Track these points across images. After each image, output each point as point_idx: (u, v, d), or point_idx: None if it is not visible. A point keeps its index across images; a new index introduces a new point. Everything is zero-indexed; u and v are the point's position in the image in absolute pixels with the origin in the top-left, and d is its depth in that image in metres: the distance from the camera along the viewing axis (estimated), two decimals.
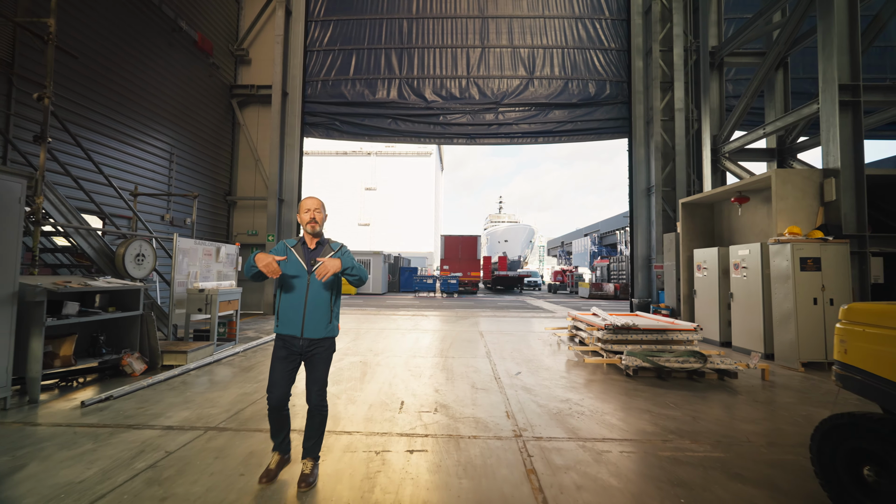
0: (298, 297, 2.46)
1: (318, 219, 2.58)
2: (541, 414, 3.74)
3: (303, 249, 2.57)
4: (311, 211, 2.56)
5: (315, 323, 2.45)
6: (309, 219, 2.56)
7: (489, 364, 5.74)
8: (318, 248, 2.60)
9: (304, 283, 2.47)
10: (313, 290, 2.48)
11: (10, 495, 2.31)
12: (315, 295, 2.47)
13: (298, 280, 2.48)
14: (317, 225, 2.57)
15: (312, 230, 2.57)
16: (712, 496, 2.40)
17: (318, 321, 2.46)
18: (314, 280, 2.47)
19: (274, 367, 2.47)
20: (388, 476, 2.60)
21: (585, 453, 2.94)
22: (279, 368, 2.45)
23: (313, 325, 2.45)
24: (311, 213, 2.56)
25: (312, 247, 2.60)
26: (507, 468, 2.71)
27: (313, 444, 2.51)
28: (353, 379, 4.88)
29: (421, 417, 3.63)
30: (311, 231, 2.57)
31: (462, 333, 8.45)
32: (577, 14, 12.84)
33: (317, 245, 2.61)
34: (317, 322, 2.46)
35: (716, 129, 9.57)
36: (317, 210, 2.58)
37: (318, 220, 2.57)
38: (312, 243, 2.60)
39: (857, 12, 5.91)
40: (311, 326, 2.45)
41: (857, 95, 5.86)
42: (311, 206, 2.58)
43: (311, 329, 2.45)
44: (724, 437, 3.26)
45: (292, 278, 2.49)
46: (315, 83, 13.14)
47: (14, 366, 3.72)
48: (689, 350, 5.27)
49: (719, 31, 10.04)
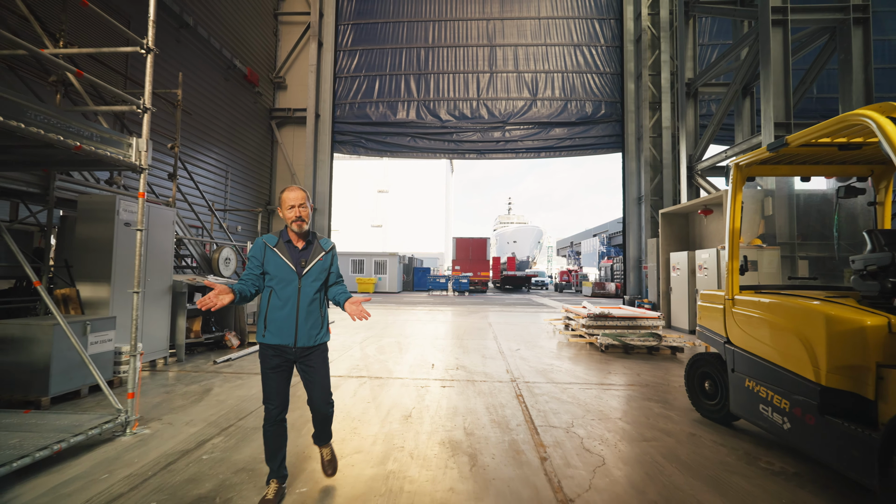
0: (289, 304, 2.19)
1: (305, 215, 2.24)
2: (530, 371, 5.37)
3: (288, 249, 2.24)
4: (295, 207, 2.21)
5: (309, 331, 2.22)
6: (294, 216, 2.21)
7: (496, 344, 7.38)
8: (308, 248, 2.28)
9: (294, 288, 2.20)
10: (305, 296, 2.22)
11: (219, 400, 4.04)
12: (307, 301, 2.22)
13: (288, 285, 2.20)
14: (304, 223, 2.23)
15: (299, 229, 2.23)
16: (626, 405, 4.01)
17: (312, 328, 2.23)
18: (306, 284, 2.22)
19: (268, 376, 2.21)
20: (431, 396, 4.26)
21: (554, 388, 4.57)
22: (274, 378, 2.21)
23: (307, 333, 2.22)
24: (297, 211, 2.21)
25: (300, 246, 2.27)
26: (504, 394, 4.35)
27: (324, 432, 2.43)
28: (393, 352, 6.57)
29: (447, 372, 5.30)
30: (298, 230, 2.24)
31: (474, 323, 10.10)
32: (576, 42, 14.40)
33: (306, 244, 2.29)
34: (310, 330, 2.23)
35: (691, 150, 11.07)
36: (301, 206, 2.23)
37: (304, 218, 2.23)
38: (300, 242, 2.28)
39: (790, 69, 7.39)
40: (305, 335, 2.21)
41: (789, 131, 7.35)
42: (295, 200, 2.22)
43: (305, 338, 2.21)
44: (650, 382, 4.86)
45: (279, 283, 2.20)
46: (343, 105, 14.92)
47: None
48: (650, 332, 6.84)
49: (694, 65, 11.52)
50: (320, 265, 2.28)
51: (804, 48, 8.72)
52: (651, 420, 3.62)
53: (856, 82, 7.24)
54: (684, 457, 2.91)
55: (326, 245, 2.34)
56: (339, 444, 3.02)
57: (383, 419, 3.58)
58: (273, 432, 2.23)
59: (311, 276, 2.24)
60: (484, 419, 3.60)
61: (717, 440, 3.21)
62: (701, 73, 10.78)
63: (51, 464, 2.66)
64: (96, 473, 2.56)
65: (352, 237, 45.86)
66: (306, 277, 2.22)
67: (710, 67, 10.33)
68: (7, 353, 3.72)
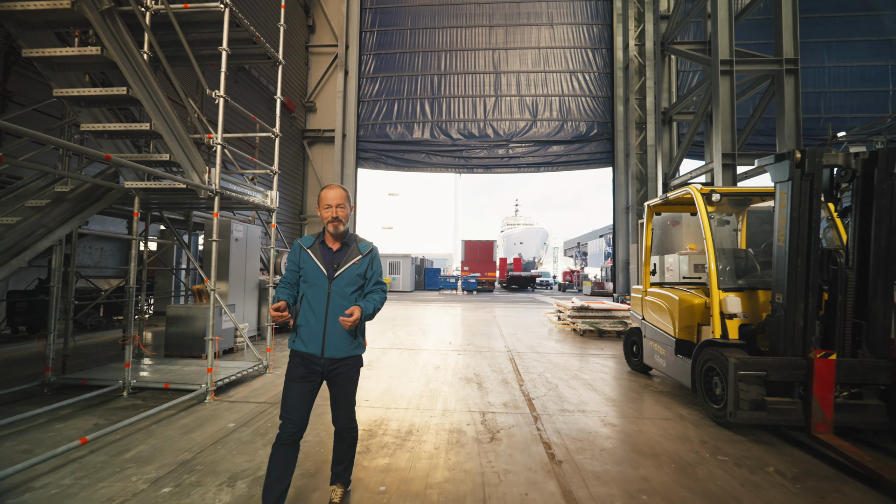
0: (318, 310, 2.06)
1: (342, 216, 2.09)
2: (523, 346, 7.28)
3: (322, 251, 2.12)
4: (332, 207, 2.07)
5: (338, 340, 2.06)
6: (331, 216, 2.08)
7: (499, 330, 9.30)
8: (343, 250, 2.14)
9: (324, 292, 2.06)
10: (335, 302, 2.06)
11: None
12: (338, 307, 2.05)
13: (318, 289, 2.07)
14: (340, 224, 2.09)
15: (335, 230, 2.09)
16: (583, 363, 5.90)
17: (342, 338, 2.06)
18: (336, 289, 2.07)
19: (289, 387, 2.06)
20: (450, 359, 6.20)
21: (538, 355, 6.48)
22: (296, 388, 2.05)
23: (335, 342, 2.06)
24: (333, 211, 2.07)
25: (335, 248, 2.14)
26: (502, 358, 6.27)
27: (344, 468, 2.22)
28: (418, 334, 8.53)
29: (461, 346, 7.23)
30: (334, 231, 2.09)
31: (481, 316, 12.04)
32: (572, 69, 16.24)
33: (341, 246, 2.15)
34: (340, 339, 2.06)
35: (666, 168, 12.86)
36: (339, 206, 2.08)
37: (341, 218, 2.08)
38: (335, 244, 2.14)
39: (734, 110, 9.17)
40: (333, 344, 2.06)
41: (734, 160, 9.14)
42: (332, 200, 2.08)
43: (333, 347, 2.06)
44: (607, 353, 6.73)
45: (311, 287, 2.08)
46: (366, 126, 16.95)
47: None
48: (619, 321, 8.71)
49: (669, 95, 13.30)
50: (355, 269, 2.11)
51: (753, 88, 10.48)
52: (595, 371, 5.52)
53: (787, 121, 8.99)
54: (608, 385, 4.81)
55: (364, 248, 2.17)
56: (397, 381, 4.97)
57: (421, 369, 5.53)
58: (281, 454, 2.00)
59: (344, 281, 2.08)
60: (487, 370, 5.53)
61: (631, 378, 5.11)
62: (674, 105, 12.58)
63: (239, 382, 4.66)
64: (263, 388, 4.55)
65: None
66: (337, 281, 2.07)
67: (681, 100, 12.13)
68: (178, 326, 5.76)
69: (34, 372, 4.91)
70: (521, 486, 2.54)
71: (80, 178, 3.55)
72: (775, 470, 2.77)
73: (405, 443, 3.16)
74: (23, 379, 4.48)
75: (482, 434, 3.34)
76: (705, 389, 3.74)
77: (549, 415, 3.81)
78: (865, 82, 15.64)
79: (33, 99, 5.97)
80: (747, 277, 4.21)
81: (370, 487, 2.49)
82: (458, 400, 4.22)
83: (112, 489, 2.42)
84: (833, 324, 3.22)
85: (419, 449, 3.05)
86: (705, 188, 4.18)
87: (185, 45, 4.07)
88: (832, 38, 15.71)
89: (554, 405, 4.08)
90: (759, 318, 3.74)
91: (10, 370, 5.08)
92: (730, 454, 3.00)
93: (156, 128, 3.47)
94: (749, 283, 4.07)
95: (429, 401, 4.19)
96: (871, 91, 15.51)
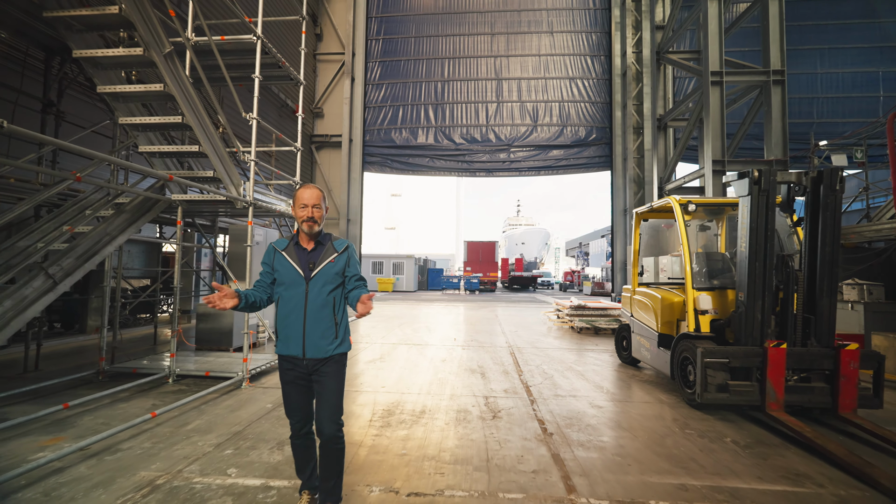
0: (296, 311, 2.05)
1: (318, 216, 2.09)
2: (523, 342, 7.82)
3: (296, 252, 2.10)
4: (308, 207, 2.07)
5: (318, 340, 2.05)
6: (306, 216, 2.07)
7: (500, 327, 9.84)
8: (318, 250, 2.12)
9: (301, 293, 2.05)
10: (313, 302, 2.05)
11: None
12: (316, 307, 2.05)
13: (294, 290, 2.06)
14: (315, 224, 2.08)
15: (310, 230, 2.08)
16: (578, 357, 6.43)
17: (322, 337, 2.05)
18: (314, 289, 2.06)
19: (285, 391, 2.12)
20: (456, 353, 6.74)
21: (537, 350, 7.02)
22: (292, 391, 2.10)
23: (316, 342, 2.05)
24: (309, 210, 2.07)
25: (310, 248, 2.12)
26: (503, 352, 6.81)
27: (332, 486, 2.12)
28: (425, 331, 9.07)
29: (465, 342, 7.77)
30: (308, 231, 2.09)
31: (484, 315, 12.57)
32: (571, 76, 16.75)
33: (316, 245, 2.13)
34: (320, 338, 2.05)
35: (661, 172, 13.36)
36: (315, 206, 2.08)
37: (316, 218, 2.08)
38: (310, 244, 2.13)
39: (724, 119, 9.67)
40: (314, 344, 2.04)
41: (723, 167, 9.64)
42: (308, 200, 2.08)
43: (314, 348, 2.05)
44: (601, 348, 7.26)
45: (287, 288, 2.07)
46: (372, 131, 17.50)
47: None
48: (614, 319, 9.23)
49: (665, 103, 13.79)
50: (332, 267, 2.11)
51: (743, 97, 10.98)
52: (589, 364, 6.04)
53: (775, 129, 9.48)
54: (599, 375, 5.34)
55: (340, 246, 2.16)
56: (408, 371, 5.51)
57: (429, 361, 6.07)
58: (299, 445, 2.16)
59: (321, 280, 2.08)
60: (489, 362, 6.07)
61: (621, 369, 5.63)
62: (669, 112, 13.07)
63: (269, 371, 5.22)
64: None
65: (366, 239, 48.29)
66: (315, 281, 2.06)
67: (675, 107, 12.63)
68: (208, 322, 6.32)
69: (83, 363, 5.49)
70: (517, 451, 3.08)
71: (134, 192, 4.10)
72: (731, 440, 3.30)
73: (419, 419, 3.70)
74: (76, 369, 5.06)
75: (485, 413, 3.89)
76: (681, 376, 4.26)
77: (544, 399, 4.35)
78: (857, 88, 16.09)
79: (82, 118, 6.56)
80: (720, 278, 4.73)
81: (393, 451, 3.04)
82: (463, 387, 4.76)
83: (185, 450, 2.98)
84: (786, 318, 3.75)
85: (432, 424, 3.59)
86: (683, 199, 4.71)
87: (224, 70, 4.64)
88: (824, 45, 16.17)
89: (549, 391, 4.62)
90: (728, 314, 4.27)
91: (63, 361, 5.66)
92: (696, 428, 3.53)
93: (204, 149, 4.03)
94: (722, 283, 4.60)
95: (438, 387, 4.74)
96: (862, 97, 15.96)
